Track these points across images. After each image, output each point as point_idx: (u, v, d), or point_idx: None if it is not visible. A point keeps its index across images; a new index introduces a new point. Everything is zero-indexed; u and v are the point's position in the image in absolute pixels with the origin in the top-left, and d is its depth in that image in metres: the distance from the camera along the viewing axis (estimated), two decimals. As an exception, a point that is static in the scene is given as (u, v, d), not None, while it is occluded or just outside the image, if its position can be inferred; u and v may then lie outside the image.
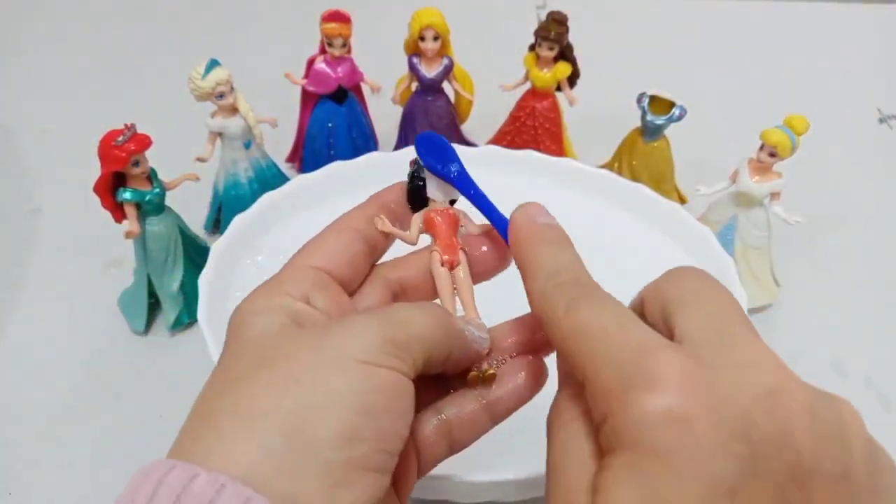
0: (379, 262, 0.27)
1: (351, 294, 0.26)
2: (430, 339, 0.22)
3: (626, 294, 0.24)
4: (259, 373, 0.20)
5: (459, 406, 0.25)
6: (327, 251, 0.25)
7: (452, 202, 0.28)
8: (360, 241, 0.26)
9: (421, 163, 0.27)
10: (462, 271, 0.27)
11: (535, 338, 0.26)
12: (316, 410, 0.19)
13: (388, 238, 0.27)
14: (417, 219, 0.27)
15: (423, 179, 0.27)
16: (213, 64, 0.49)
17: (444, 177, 0.27)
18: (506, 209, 0.26)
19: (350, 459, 0.19)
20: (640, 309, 0.23)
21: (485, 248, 0.27)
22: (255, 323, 0.22)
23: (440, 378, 0.26)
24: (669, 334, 0.20)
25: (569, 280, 0.22)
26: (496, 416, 0.25)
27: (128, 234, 0.45)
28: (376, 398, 0.20)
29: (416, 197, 0.27)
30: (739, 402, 0.17)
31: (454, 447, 0.25)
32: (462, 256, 0.27)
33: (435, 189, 0.27)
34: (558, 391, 0.23)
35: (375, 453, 0.20)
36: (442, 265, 0.26)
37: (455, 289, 0.27)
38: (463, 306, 0.27)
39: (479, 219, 0.28)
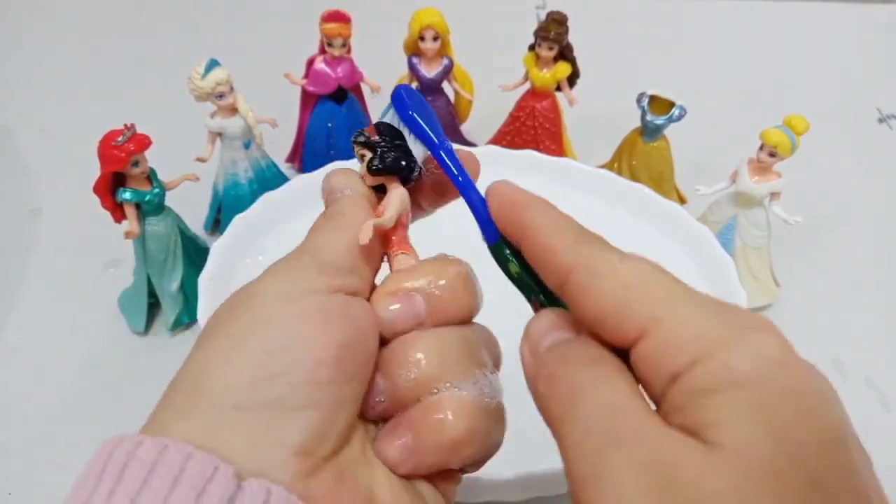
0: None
1: None
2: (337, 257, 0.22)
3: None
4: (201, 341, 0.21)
5: None
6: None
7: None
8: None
9: (401, 121, 0.24)
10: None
11: None
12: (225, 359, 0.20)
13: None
14: (399, 195, 0.24)
15: (401, 145, 0.24)
16: (213, 64, 0.49)
17: (430, 146, 0.24)
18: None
19: (266, 402, 0.19)
20: None
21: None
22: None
23: None
24: None
25: (598, 240, 0.21)
26: None
27: (127, 234, 0.45)
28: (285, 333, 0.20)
29: (393, 169, 0.24)
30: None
31: None
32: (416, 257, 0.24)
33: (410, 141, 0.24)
34: (567, 347, 0.20)
35: (293, 388, 0.20)
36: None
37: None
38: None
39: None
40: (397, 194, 0.24)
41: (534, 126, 0.60)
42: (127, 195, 0.44)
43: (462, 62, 0.59)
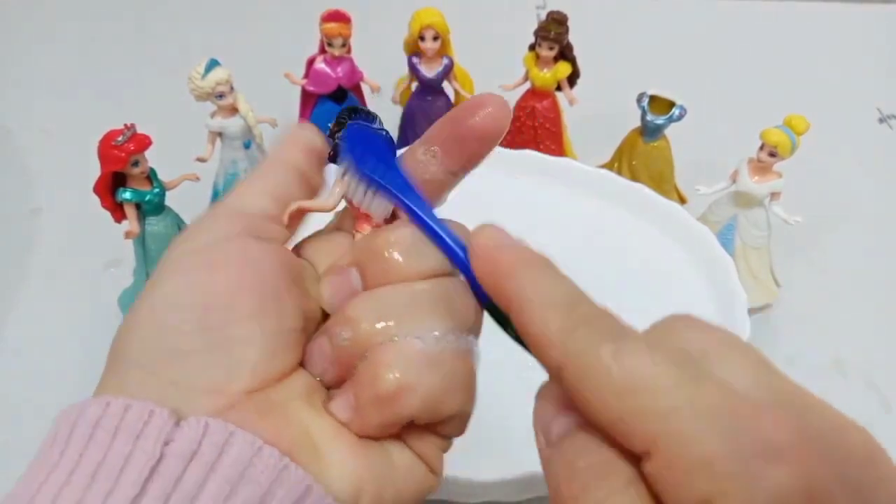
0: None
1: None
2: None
3: (626, 294, 0.24)
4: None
5: None
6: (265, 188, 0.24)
7: (388, 220, 0.24)
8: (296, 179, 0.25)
9: (350, 157, 0.23)
10: None
11: None
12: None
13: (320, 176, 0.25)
14: (341, 185, 0.24)
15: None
16: (213, 64, 0.49)
17: (382, 188, 0.23)
18: (505, 210, 0.26)
19: (165, 353, 0.20)
20: None
21: None
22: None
23: None
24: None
25: (594, 314, 0.19)
26: None
27: (127, 234, 0.45)
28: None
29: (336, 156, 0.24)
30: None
31: None
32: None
33: (368, 198, 0.23)
34: (578, 445, 0.18)
35: (186, 335, 0.21)
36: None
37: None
38: None
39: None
40: (340, 183, 0.24)
41: (534, 126, 0.60)
42: (127, 195, 0.44)
43: (462, 62, 0.59)
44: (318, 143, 0.25)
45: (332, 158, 0.24)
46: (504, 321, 0.21)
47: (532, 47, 0.58)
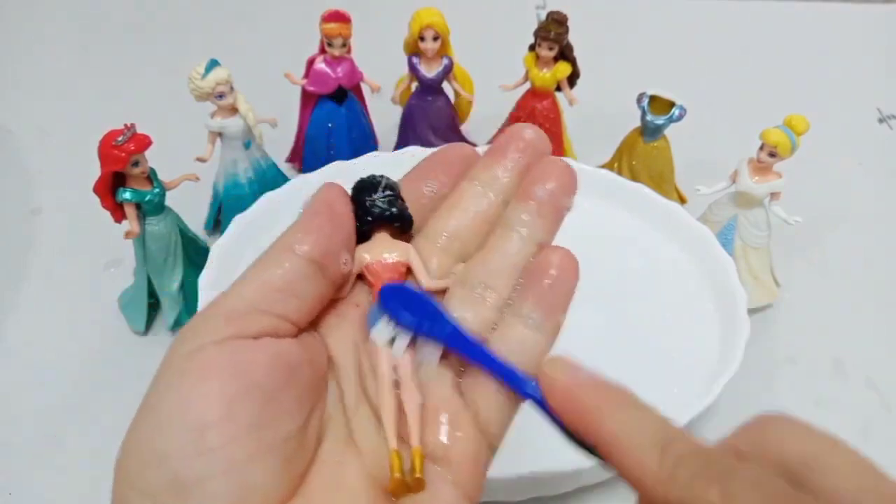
0: None
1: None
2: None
3: (626, 294, 0.24)
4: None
5: None
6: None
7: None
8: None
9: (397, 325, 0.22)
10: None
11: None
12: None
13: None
14: (358, 255, 0.23)
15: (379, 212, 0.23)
16: (213, 64, 0.49)
17: (433, 338, 0.22)
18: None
19: (166, 484, 0.19)
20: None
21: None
22: None
23: None
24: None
25: (690, 452, 0.18)
26: None
27: (128, 234, 0.45)
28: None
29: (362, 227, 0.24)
30: None
31: None
32: None
33: (417, 347, 0.23)
34: None
35: (187, 462, 0.19)
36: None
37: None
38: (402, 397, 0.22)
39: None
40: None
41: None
42: (127, 195, 0.44)
43: (462, 62, 0.59)
44: (345, 216, 0.23)
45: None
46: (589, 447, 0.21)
47: (532, 47, 0.58)
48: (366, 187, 0.24)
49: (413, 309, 0.22)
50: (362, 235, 0.24)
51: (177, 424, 0.19)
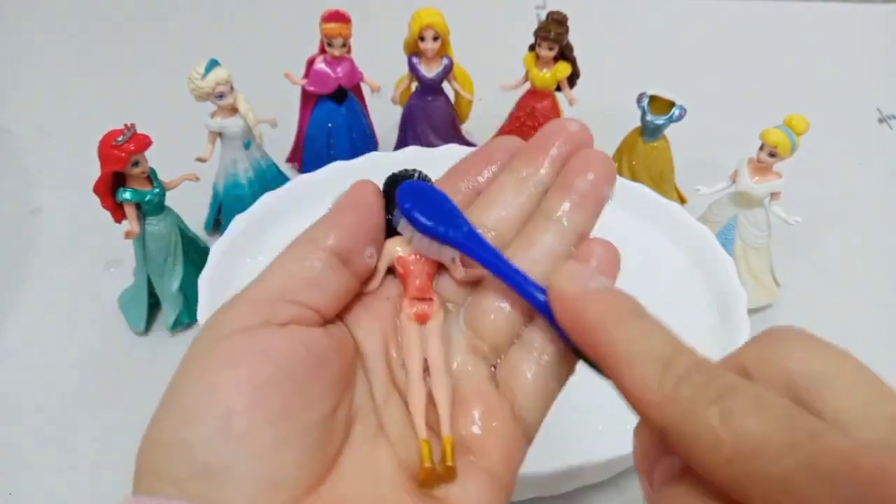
0: None
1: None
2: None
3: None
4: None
5: None
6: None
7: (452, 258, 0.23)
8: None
9: (411, 221, 0.22)
10: (435, 332, 0.22)
11: None
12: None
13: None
14: (389, 248, 0.23)
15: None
16: (213, 64, 0.49)
17: (448, 242, 0.22)
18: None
19: (198, 472, 0.18)
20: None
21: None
22: None
23: None
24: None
25: (693, 366, 0.17)
26: None
27: (128, 234, 0.45)
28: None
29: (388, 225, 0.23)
30: None
31: None
32: (438, 310, 0.23)
33: (426, 244, 0.23)
34: (682, 498, 0.17)
35: (215, 449, 0.19)
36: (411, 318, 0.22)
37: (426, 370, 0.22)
38: (434, 391, 0.21)
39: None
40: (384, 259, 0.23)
41: (534, 126, 0.60)
42: (127, 195, 0.44)
43: (462, 62, 0.59)
44: (373, 211, 0.23)
45: (389, 222, 0.23)
46: (593, 363, 0.20)
47: (532, 47, 0.58)
48: (398, 181, 0.24)
49: (429, 208, 0.22)
50: (395, 229, 0.23)
51: (204, 411, 0.19)
